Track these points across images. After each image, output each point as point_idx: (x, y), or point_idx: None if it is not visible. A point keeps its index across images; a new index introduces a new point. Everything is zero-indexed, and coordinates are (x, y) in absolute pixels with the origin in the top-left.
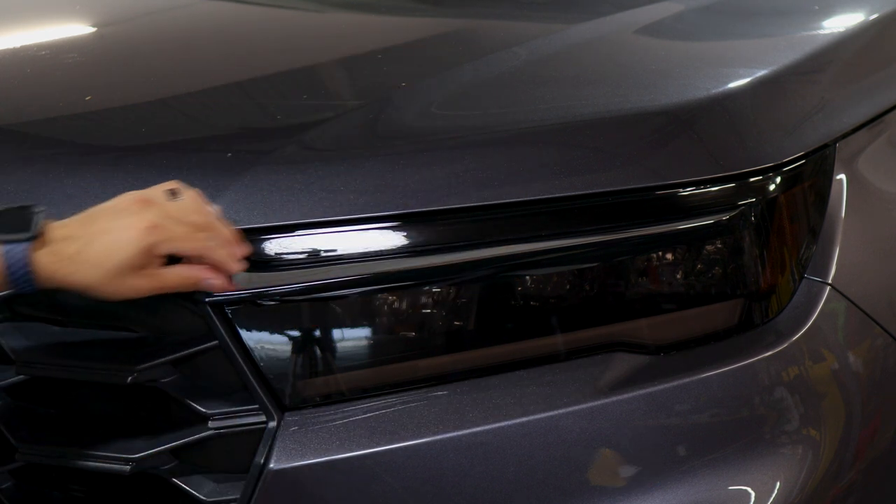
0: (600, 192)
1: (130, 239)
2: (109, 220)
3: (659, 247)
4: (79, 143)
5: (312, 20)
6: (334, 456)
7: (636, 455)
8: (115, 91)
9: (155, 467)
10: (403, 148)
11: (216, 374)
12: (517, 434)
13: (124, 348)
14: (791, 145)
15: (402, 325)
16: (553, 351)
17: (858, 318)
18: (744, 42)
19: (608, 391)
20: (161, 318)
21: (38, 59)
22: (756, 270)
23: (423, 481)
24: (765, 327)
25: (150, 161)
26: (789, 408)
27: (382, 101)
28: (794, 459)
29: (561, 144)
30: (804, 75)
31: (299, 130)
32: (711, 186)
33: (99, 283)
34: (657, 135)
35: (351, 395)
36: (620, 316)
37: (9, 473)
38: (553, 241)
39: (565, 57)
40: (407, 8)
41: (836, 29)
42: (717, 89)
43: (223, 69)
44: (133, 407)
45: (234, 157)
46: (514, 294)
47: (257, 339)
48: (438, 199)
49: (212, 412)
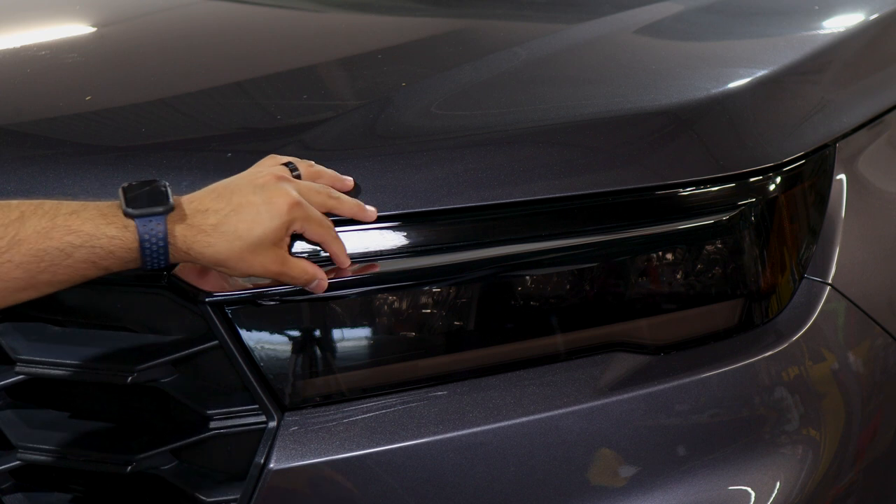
0: (600, 192)
1: (275, 213)
2: (251, 193)
3: (659, 247)
4: (79, 143)
5: (312, 20)
6: (334, 456)
7: (636, 455)
8: (115, 91)
9: (155, 467)
10: (403, 148)
11: (216, 374)
12: (517, 434)
13: (124, 348)
14: (791, 145)
15: (402, 325)
16: (553, 351)
17: (858, 318)
18: (744, 42)
19: (608, 391)
20: (161, 318)
21: (38, 59)
22: (756, 270)
23: (423, 481)
24: (765, 327)
25: (150, 161)
26: (789, 408)
27: (382, 101)
28: (794, 459)
29: (561, 144)
30: (804, 75)
31: (299, 130)
32: (711, 186)
33: (236, 256)
34: (657, 135)
35: (351, 395)
36: (620, 316)
37: (9, 473)
38: (553, 241)
39: (565, 57)
40: (407, 8)
41: (836, 29)
42: (717, 89)
43: (223, 69)
44: (133, 407)
45: (234, 157)
46: (514, 294)
47: (257, 339)
48: (438, 199)
49: (212, 412)
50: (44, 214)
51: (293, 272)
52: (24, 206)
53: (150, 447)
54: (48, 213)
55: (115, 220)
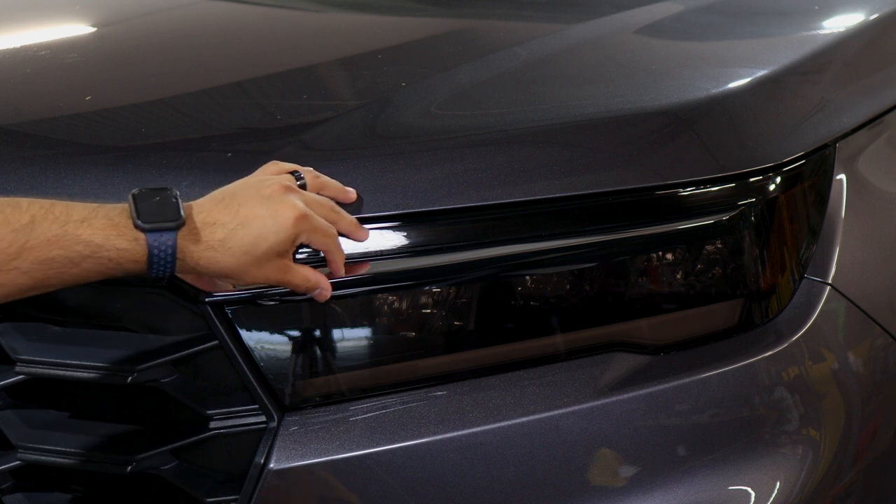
0: (600, 192)
1: (282, 227)
2: (257, 205)
3: (659, 247)
4: (79, 143)
5: (312, 20)
6: (334, 456)
7: (636, 455)
8: (115, 91)
9: (155, 467)
10: (403, 148)
11: (216, 374)
12: (517, 434)
13: (124, 348)
14: (791, 145)
15: (402, 325)
16: (553, 351)
17: (858, 318)
18: (744, 42)
19: (608, 391)
20: (161, 318)
21: (38, 59)
22: (756, 270)
23: (423, 481)
24: (765, 327)
25: (150, 161)
26: (789, 408)
27: (382, 101)
28: (794, 459)
29: (561, 144)
30: (804, 75)
31: (299, 130)
32: (711, 186)
33: (241, 270)
34: (657, 135)
35: (351, 395)
36: (620, 316)
37: (9, 473)
38: (553, 241)
39: (565, 57)
40: (407, 8)
41: (836, 29)
42: (717, 89)
43: (223, 69)
44: (133, 407)
45: (234, 157)
46: (514, 294)
47: (257, 339)
48: (438, 199)
49: (212, 412)
50: (54, 220)
51: (295, 280)
52: (34, 208)
53: (150, 447)
54: (58, 220)
55: (125, 231)
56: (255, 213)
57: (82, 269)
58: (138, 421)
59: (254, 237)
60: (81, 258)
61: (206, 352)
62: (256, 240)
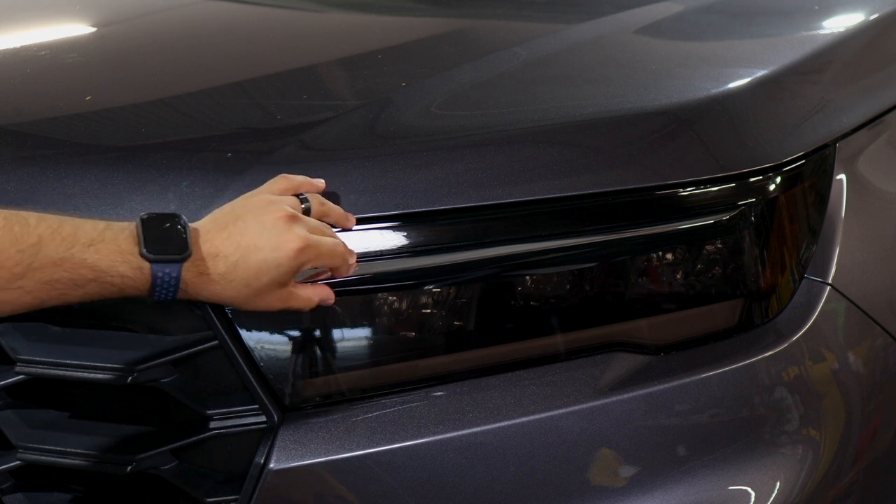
0: (600, 192)
1: (283, 260)
2: (258, 236)
3: (659, 247)
4: (79, 143)
5: (312, 20)
6: (334, 456)
7: (636, 455)
8: (115, 91)
9: (155, 467)
10: (403, 148)
11: (216, 374)
12: (517, 434)
13: (124, 348)
14: (791, 145)
15: (402, 325)
16: (553, 351)
17: (858, 318)
18: (744, 42)
19: (608, 391)
20: (161, 318)
21: (38, 59)
22: (756, 270)
23: (423, 481)
24: (765, 327)
25: (150, 161)
26: (789, 408)
27: (382, 101)
28: (794, 459)
29: (561, 144)
30: (804, 75)
31: (299, 130)
32: (711, 186)
33: (241, 301)
34: (657, 135)
35: (351, 395)
36: (620, 316)
37: (9, 473)
38: (553, 241)
39: (565, 57)
40: (407, 8)
41: (836, 29)
42: (717, 89)
43: (223, 69)
44: (133, 407)
45: (234, 157)
46: (514, 294)
47: (257, 339)
48: (438, 199)
49: (212, 412)
50: (61, 242)
51: (298, 305)
52: (42, 227)
53: (150, 447)
54: (66, 241)
55: (130, 258)
56: (257, 244)
57: (85, 291)
58: (138, 421)
59: (255, 271)
60: (86, 281)
61: (206, 352)
62: (257, 273)
